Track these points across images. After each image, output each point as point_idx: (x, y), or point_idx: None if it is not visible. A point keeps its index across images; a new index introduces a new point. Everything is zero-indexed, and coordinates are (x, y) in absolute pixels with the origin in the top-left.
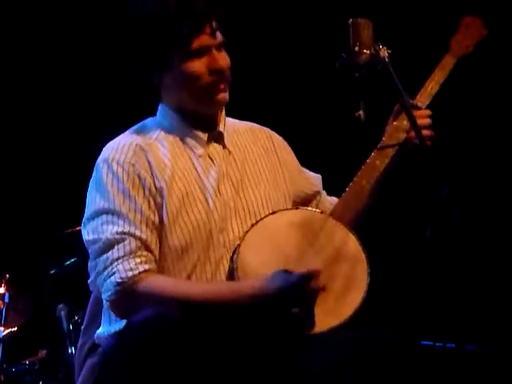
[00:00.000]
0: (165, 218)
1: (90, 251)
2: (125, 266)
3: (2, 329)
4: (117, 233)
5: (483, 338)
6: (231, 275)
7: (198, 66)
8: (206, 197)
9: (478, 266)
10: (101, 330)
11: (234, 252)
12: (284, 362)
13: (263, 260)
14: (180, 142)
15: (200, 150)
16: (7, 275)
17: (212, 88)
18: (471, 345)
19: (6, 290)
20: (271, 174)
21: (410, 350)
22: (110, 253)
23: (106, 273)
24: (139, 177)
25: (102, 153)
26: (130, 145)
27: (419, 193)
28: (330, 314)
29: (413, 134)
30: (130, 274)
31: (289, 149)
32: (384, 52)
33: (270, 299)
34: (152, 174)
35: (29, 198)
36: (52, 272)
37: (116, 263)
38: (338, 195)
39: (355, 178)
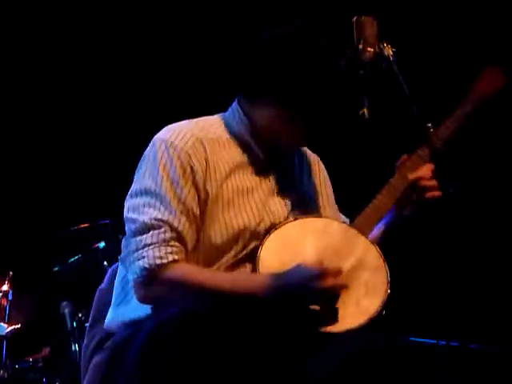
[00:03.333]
0: (205, 216)
1: (126, 228)
2: (155, 253)
3: (6, 326)
4: (155, 219)
5: (488, 337)
6: None
7: (299, 132)
8: (252, 206)
9: (481, 265)
10: (113, 314)
11: (254, 255)
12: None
13: (283, 262)
14: (241, 150)
15: (257, 166)
16: (11, 272)
17: (290, 146)
18: (475, 343)
19: (9, 287)
20: (317, 200)
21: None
22: (144, 236)
23: (135, 255)
24: (192, 168)
25: (162, 132)
26: (191, 135)
27: None
28: (348, 318)
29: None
30: (158, 261)
31: (329, 182)
32: (388, 50)
33: (288, 291)
34: (205, 170)
35: (33, 195)
36: (56, 269)
37: (147, 248)
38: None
39: (378, 195)
